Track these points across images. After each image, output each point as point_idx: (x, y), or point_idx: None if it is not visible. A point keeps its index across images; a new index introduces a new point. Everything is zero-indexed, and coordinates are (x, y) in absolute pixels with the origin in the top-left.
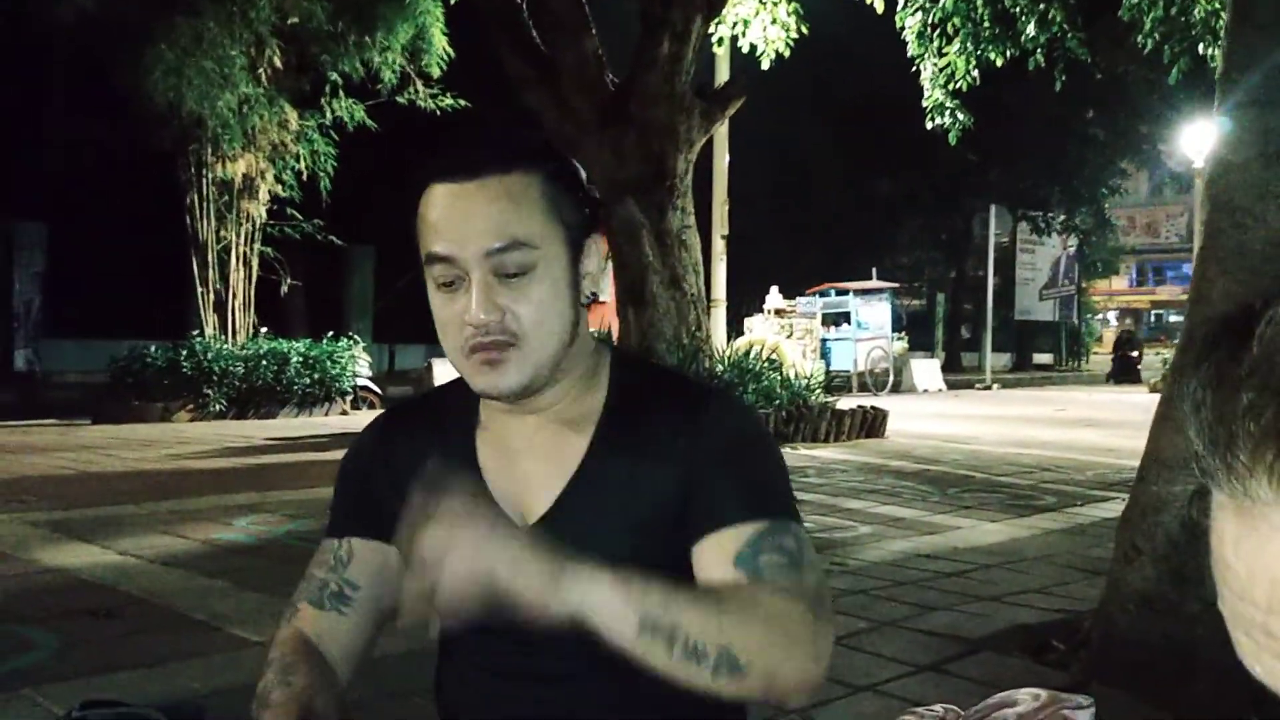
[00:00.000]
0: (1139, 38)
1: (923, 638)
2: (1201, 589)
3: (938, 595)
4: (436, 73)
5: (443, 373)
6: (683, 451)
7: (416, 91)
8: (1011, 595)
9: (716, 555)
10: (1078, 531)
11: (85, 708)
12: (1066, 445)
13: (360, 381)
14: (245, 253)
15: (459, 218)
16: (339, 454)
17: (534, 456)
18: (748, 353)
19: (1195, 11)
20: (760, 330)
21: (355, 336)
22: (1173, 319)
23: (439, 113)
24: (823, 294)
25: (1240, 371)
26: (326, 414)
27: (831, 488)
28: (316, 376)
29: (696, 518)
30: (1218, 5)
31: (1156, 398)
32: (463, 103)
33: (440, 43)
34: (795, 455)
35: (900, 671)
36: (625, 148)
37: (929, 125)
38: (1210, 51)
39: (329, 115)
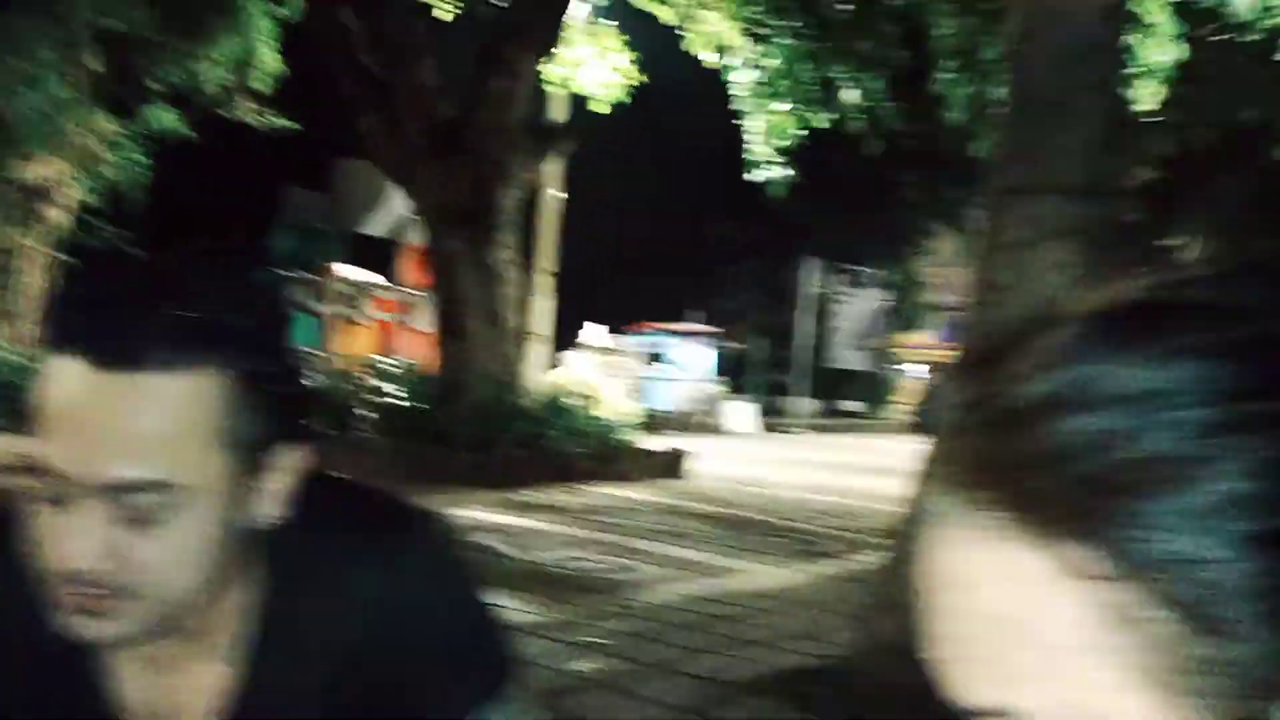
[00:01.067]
0: (946, 114)
1: (687, 681)
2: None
3: (709, 638)
4: (266, 89)
5: None
6: (380, 611)
7: (241, 107)
8: (780, 640)
9: None
10: (853, 579)
11: None
12: (857, 492)
13: None
14: (45, 261)
15: (90, 423)
16: None
17: (179, 672)
18: (560, 390)
19: (1001, 92)
20: (578, 366)
21: None
22: None
23: (270, 132)
24: (646, 333)
25: (976, 406)
26: None
27: (627, 529)
28: None
29: (402, 688)
30: None
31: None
32: (292, 124)
33: (271, 59)
34: (597, 494)
35: (659, 715)
36: (453, 179)
37: (749, 177)
38: None
39: (148, 125)
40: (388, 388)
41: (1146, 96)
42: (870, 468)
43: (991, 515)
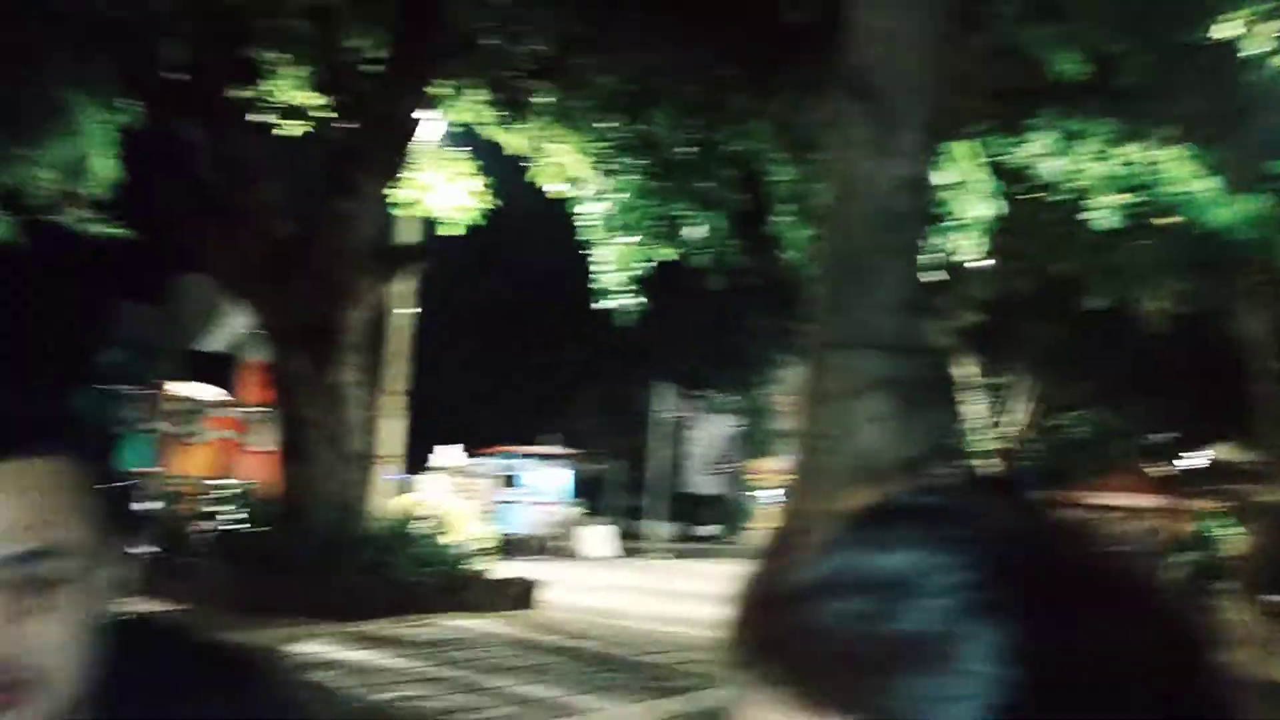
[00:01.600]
0: (784, 252)
1: None
2: None
3: None
4: (100, 197)
5: None
6: None
7: (75, 214)
8: None
9: None
10: (702, 716)
11: None
12: (710, 622)
13: None
14: None
15: None
16: None
17: None
18: (406, 515)
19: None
20: (432, 489)
21: None
22: None
23: (103, 242)
24: (500, 455)
25: (767, 579)
26: None
27: (476, 664)
28: None
29: None
30: None
31: None
32: (126, 232)
33: (106, 167)
34: (446, 627)
35: None
36: (293, 299)
37: (596, 305)
38: None
39: None
40: (224, 510)
41: (969, 247)
42: (722, 595)
43: (775, 690)
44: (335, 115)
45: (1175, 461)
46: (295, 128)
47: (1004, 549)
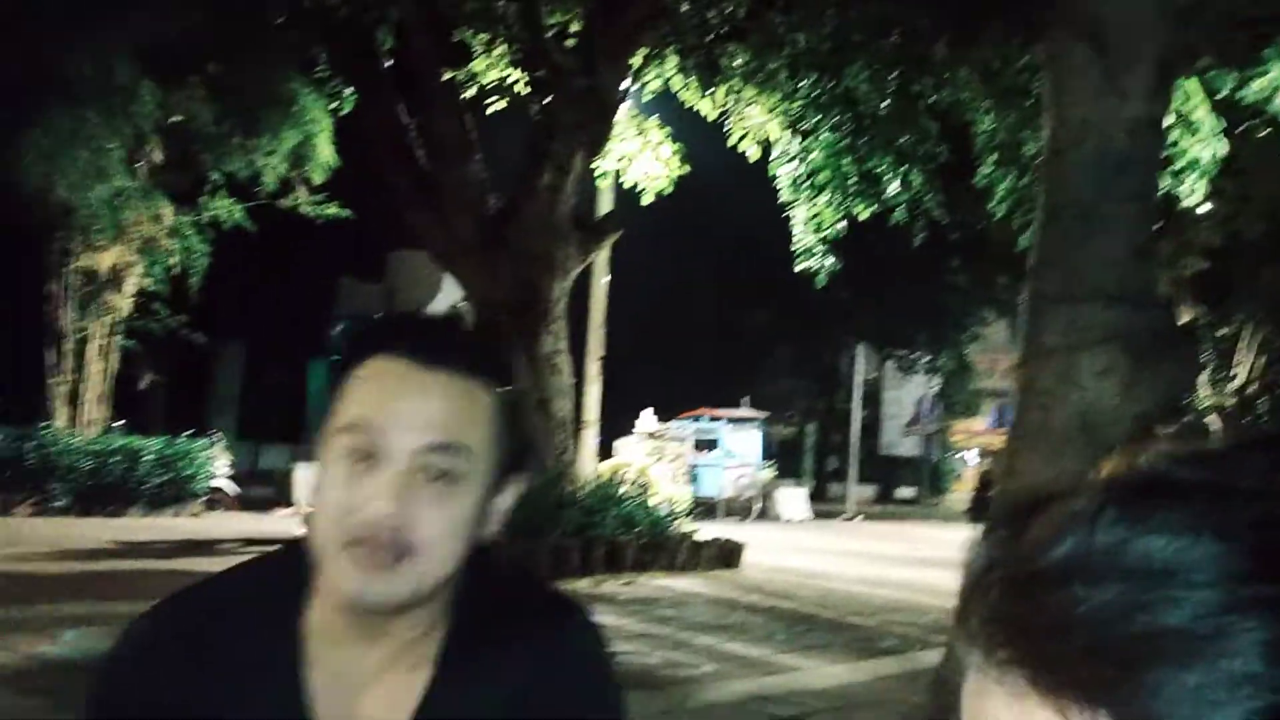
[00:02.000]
0: (990, 205)
1: None
2: None
3: None
4: (320, 180)
5: (304, 477)
6: (531, 687)
7: (298, 198)
8: None
9: None
10: (910, 677)
11: None
12: (916, 586)
13: (216, 482)
14: (105, 345)
15: (404, 399)
16: (183, 563)
17: (374, 689)
18: (611, 478)
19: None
20: (630, 453)
21: (218, 434)
22: None
23: (319, 220)
24: (695, 419)
25: (1004, 554)
26: (177, 516)
27: (682, 622)
28: (170, 476)
29: None
30: None
31: None
32: (346, 212)
33: (326, 152)
34: (651, 586)
35: None
36: (501, 271)
37: (797, 268)
38: None
39: (206, 213)
40: None
41: (1191, 190)
42: (925, 559)
43: (1008, 673)
44: (538, 91)
45: None
46: (501, 105)
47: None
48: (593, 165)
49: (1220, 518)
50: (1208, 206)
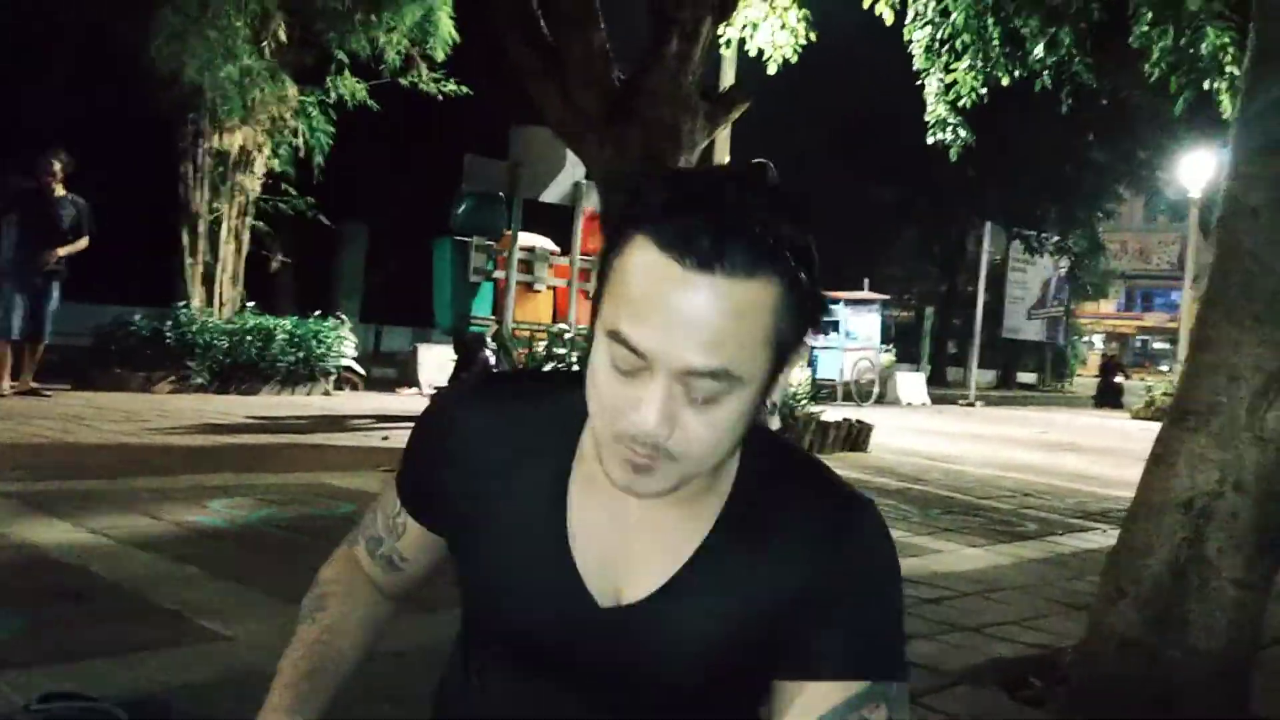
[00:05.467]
0: (1146, 66)
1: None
2: (1183, 635)
3: (918, 623)
4: (441, 57)
5: (427, 358)
6: (812, 569)
7: (420, 75)
8: (990, 626)
9: (801, 706)
10: (1058, 562)
11: (45, 700)
12: (1049, 470)
13: (344, 362)
14: (236, 226)
15: (675, 315)
16: (319, 438)
17: (640, 530)
18: None
19: (1204, 46)
20: None
21: (342, 316)
22: (1157, 345)
23: (440, 96)
24: None
25: None
26: (309, 394)
27: None
28: (301, 355)
29: (796, 653)
30: (1227, 40)
31: (1139, 425)
32: (466, 89)
33: (447, 27)
34: None
35: None
36: (628, 145)
37: (930, 140)
38: (1215, 86)
39: (331, 93)
40: (564, 353)
41: None
42: (1052, 444)
43: None
44: None
45: None
46: None
47: None
48: (714, 32)
49: None
50: None
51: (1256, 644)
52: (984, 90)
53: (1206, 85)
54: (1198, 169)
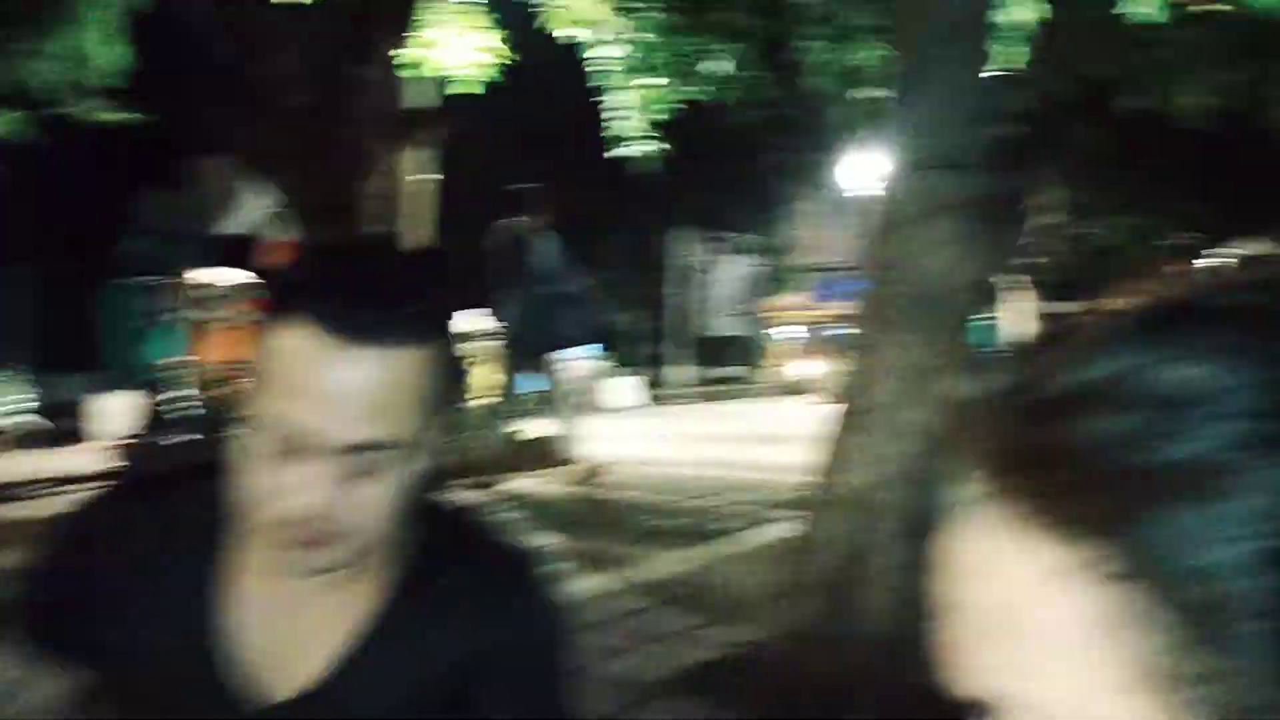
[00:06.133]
0: (815, 79)
1: (599, 686)
2: (857, 621)
3: (618, 638)
4: (111, 84)
5: (107, 407)
6: (480, 634)
7: (85, 104)
8: (690, 631)
9: None
10: (752, 556)
11: None
12: (745, 463)
13: (11, 420)
14: None
15: (330, 392)
16: None
17: (309, 613)
18: None
19: (865, 59)
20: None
21: (6, 370)
22: (844, 332)
23: (114, 126)
24: None
25: (1013, 380)
26: None
27: (520, 523)
28: None
29: (473, 716)
30: (885, 55)
31: (828, 410)
32: (139, 116)
33: (114, 53)
34: (486, 490)
35: None
36: (318, 173)
37: (620, 153)
38: (878, 99)
39: None
40: None
41: (1008, 54)
42: (756, 436)
43: (1011, 505)
44: None
45: (1203, 261)
46: None
47: None
48: (408, 54)
49: (1254, 345)
50: (1021, 69)
51: (920, 620)
52: (670, 105)
53: (869, 95)
54: (869, 170)
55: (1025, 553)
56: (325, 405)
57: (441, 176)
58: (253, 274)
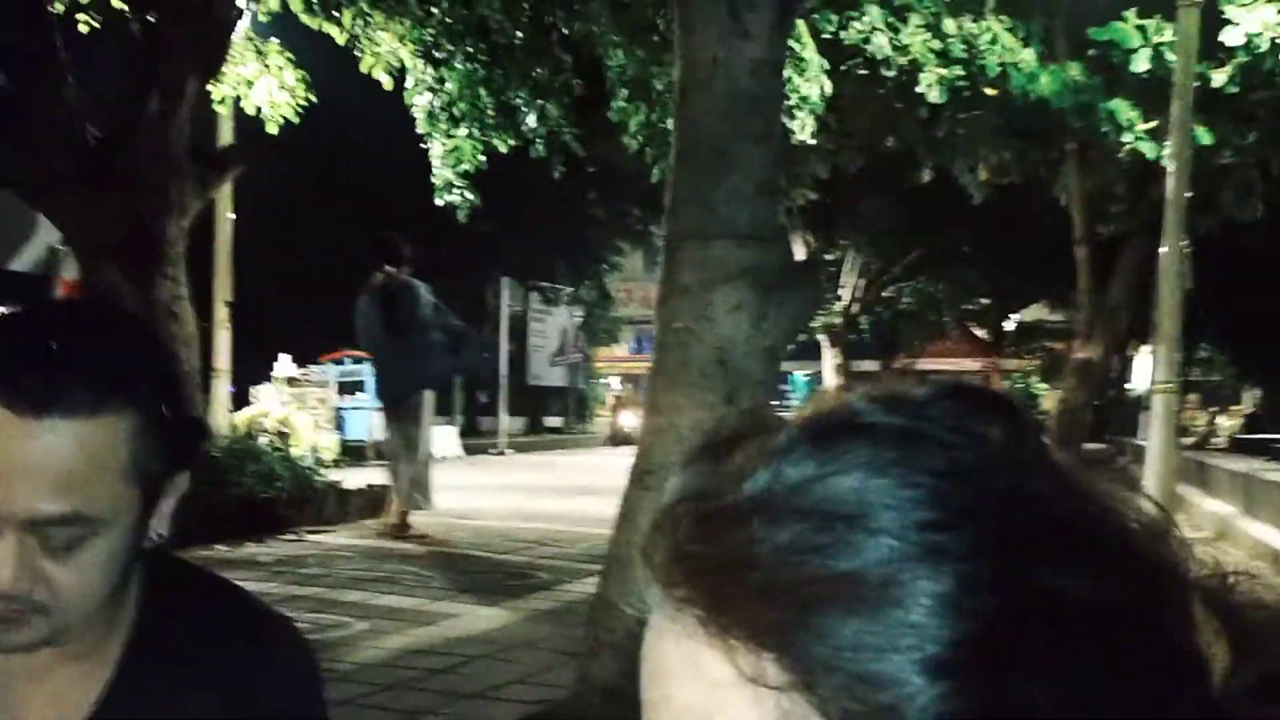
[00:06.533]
0: (624, 139)
1: None
2: None
3: (426, 697)
4: None
5: None
6: (230, 703)
7: None
8: (497, 689)
9: None
10: (565, 611)
11: None
12: (565, 516)
13: None
14: None
15: (14, 464)
16: None
17: (30, 696)
18: (251, 428)
19: (670, 121)
20: (268, 401)
21: None
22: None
23: None
24: (338, 362)
25: (695, 488)
26: None
27: (332, 579)
28: None
29: None
30: None
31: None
32: None
33: None
34: (296, 544)
35: None
36: (108, 209)
37: (439, 201)
38: None
39: None
40: None
41: (801, 126)
42: (575, 487)
43: (683, 612)
44: (138, 6)
45: (998, 324)
46: (91, 21)
47: (969, 484)
48: (209, 91)
49: (906, 463)
50: (813, 141)
51: None
52: (483, 156)
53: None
54: None
55: (697, 660)
56: (9, 478)
57: (234, 217)
58: None
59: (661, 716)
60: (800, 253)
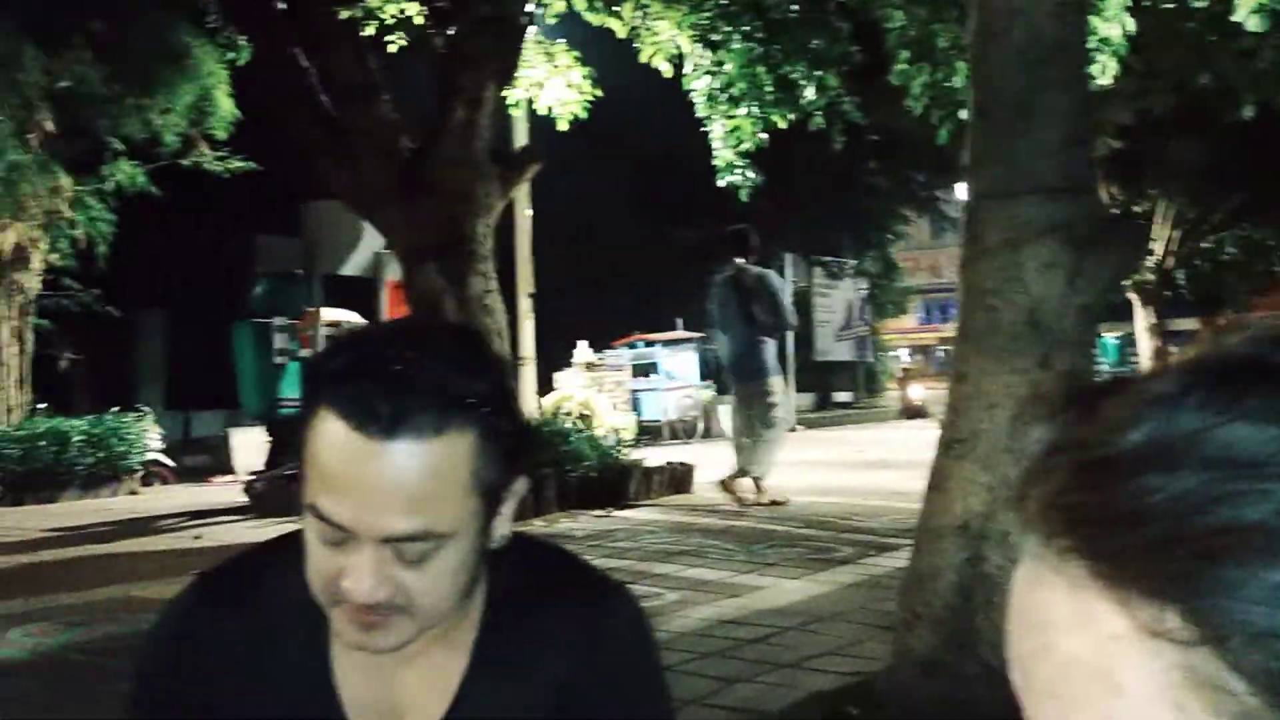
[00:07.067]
0: (908, 101)
1: (723, 715)
2: (977, 652)
3: (740, 665)
4: (223, 135)
5: (241, 442)
6: (573, 673)
7: (203, 155)
8: (810, 660)
9: None
10: (872, 584)
11: None
12: (864, 490)
13: (150, 456)
14: (18, 327)
15: (366, 486)
16: (125, 544)
17: (406, 678)
18: (556, 411)
19: (956, 80)
20: (570, 385)
21: (143, 408)
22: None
23: (228, 175)
24: (630, 345)
25: (1071, 437)
26: (114, 495)
27: (640, 552)
28: (101, 455)
29: None
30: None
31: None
32: (251, 165)
33: (226, 105)
34: (605, 519)
35: None
36: (423, 214)
37: (721, 183)
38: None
39: (108, 181)
40: None
41: (1102, 70)
42: (868, 461)
43: (1069, 563)
44: (439, 22)
45: None
46: (399, 41)
47: None
48: (504, 95)
49: None
50: (1114, 85)
51: None
52: (764, 134)
53: (963, 115)
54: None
55: (1087, 612)
56: (363, 499)
57: (531, 213)
58: (369, 314)
59: (1040, 668)
60: (1103, 207)
